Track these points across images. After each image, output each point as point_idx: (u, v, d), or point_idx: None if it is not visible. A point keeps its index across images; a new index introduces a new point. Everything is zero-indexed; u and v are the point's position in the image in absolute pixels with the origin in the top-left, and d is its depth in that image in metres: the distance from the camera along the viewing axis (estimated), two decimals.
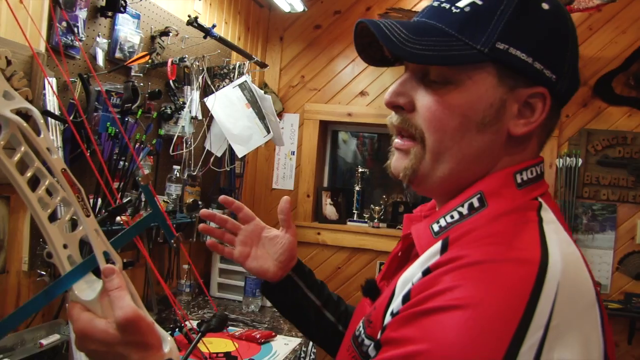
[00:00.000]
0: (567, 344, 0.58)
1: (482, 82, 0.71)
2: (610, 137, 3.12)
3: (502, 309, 0.58)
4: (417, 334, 0.60)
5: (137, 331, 0.72)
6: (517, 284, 0.59)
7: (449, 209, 0.74)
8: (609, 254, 3.13)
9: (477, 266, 0.61)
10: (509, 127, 0.73)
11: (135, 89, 2.02)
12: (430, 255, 0.70)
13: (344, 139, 3.84)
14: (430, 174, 0.75)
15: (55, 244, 0.73)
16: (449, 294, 0.60)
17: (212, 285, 2.93)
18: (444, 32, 0.71)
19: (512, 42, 0.70)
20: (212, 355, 2.02)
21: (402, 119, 0.76)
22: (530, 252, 0.62)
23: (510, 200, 0.71)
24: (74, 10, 1.83)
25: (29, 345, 1.73)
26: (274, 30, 3.57)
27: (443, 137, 0.72)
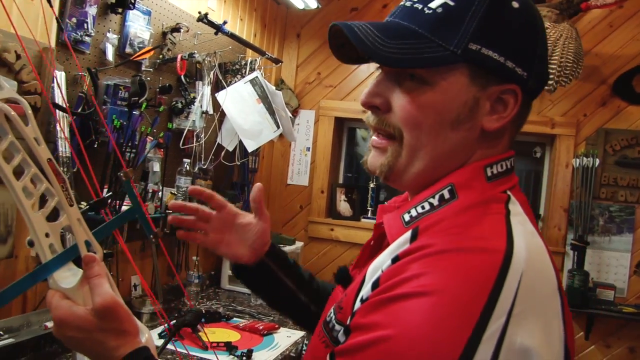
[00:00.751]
0: (529, 330, 0.60)
1: (455, 82, 0.72)
2: (630, 137, 3.06)
3: (466, 296, 0.60)
4: (384, 320, 0.62)
5: (114, 318, 0.74)
6: (482, 272, 0.61)
7: (420, 200, 0.75)
8: (626, 256, 3.07)
9: (443, 254, 0.64)
10: (482, 123, 0.74)
11: (142, 83, 2.08)
12: (400, 244, 0.71)
13: (364, 136, 3.85)
14: (405, 170, 0.77)
15: (37, 232, 0.74)
16: (415, 281, 0.62)
17: (223, 278, 2.99)
18: (416, 34, 0.72)
19: (484, 43, 0.71)
20: (212, 344, 2.07)
21: (379, 119, 0.77)
22: (495, 241, 0.65)
23: (479, 193, 0.73)
24: (84, 6, 1.89)
25: (35, 327, 1.80)
26: (291, 27, 3.60)
27: (419, 134, 0.74)
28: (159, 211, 2.27)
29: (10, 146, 0.72)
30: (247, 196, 3.08)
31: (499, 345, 0.58)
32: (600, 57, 3.09)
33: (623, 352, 3.03)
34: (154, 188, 2.24)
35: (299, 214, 3.56)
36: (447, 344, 0.58)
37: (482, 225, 0.68)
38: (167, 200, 2.33)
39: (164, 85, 2.29)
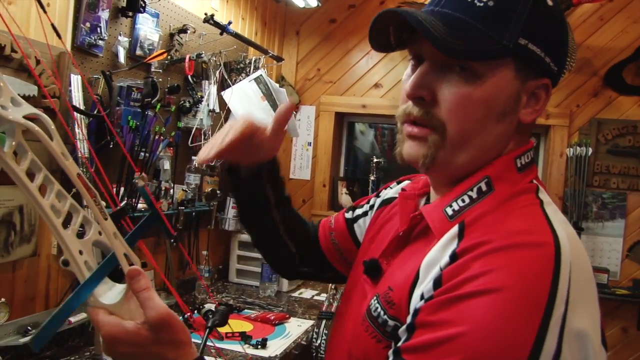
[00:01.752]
0: (581, 315, 0.65)
1: (503, 75, 0.74)
2: (621, 127, 3.16)
3: (530, 290, 0.63)
4: (454, 317, 0.65)
5: (170, 330, 0.73)
6: (540, 266, 0.65)
7: (459, 193, 0.78)
8: (619, 241, 3.18)
9: (501, 252, 0.67)
10: (520, 116, 0.78)
11: (154, 84, 2.15)
12: (449, 238, 0.74)
13: (362, 130, 3.93)
14: (450, 162, 0.78)
15: (72, 251, 0.71)
16: (481, 279, 0.65)
17: (231, 271, 3.07)
18: (471, 26, 0.73)
19: (531, 38, 0.74)
20: (227, 334, 2.15)
21: (424, 111, 0.77)
22: (543, 235, 0.69)
23: (512, 184, 0.77)
24: (96, 11, 1.96)
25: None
26: (291, 24, 3.67)
27: (466, 128, 0.75)
28: (172, 208, 2.35)
29: (31, 165, 0.68)
30: None
31: (561, 332, 0.63)
32: (591, 50, 3.19)
33: (617, 332, 3.16)
34: (166, 186, 2.31)
35: (301, 208, 3.64)
36: (519, 336, 0.62)
37: (525, 219, 0.72)
38: (179, 197, 2.41)
39: (173, 86, 2.36)
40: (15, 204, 1.72)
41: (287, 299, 2.83)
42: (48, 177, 0.70)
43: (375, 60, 3.53)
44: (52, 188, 0.71)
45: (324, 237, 1.17)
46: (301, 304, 2.76)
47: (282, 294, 2.91)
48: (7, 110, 0.65)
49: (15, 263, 1.77)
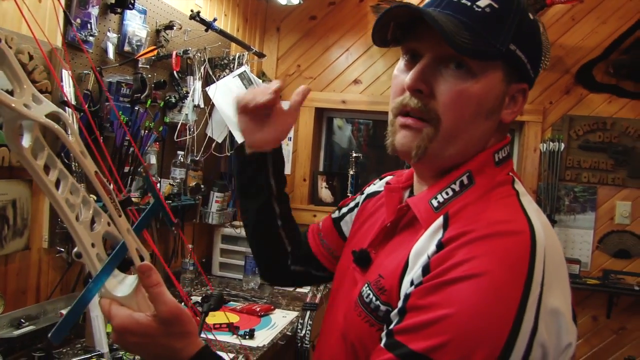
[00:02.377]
0: (554, 294, 0.73)
1: (493, 76, 0.82)
2: (591, 123, 3.29)
3: (510, 274, 0.71)
4: (442, 301, 0.71)
5: (180, 322, 0.76)
6: (518, 252, 0.72)
7: (443, 186, 0.85)
8: (590, 233, 3.31)
9: (483, 240, 0.74)
10: (502, 115, 0.86)
11: (143, 80, 2.18)
12: (435, 229, 0.81)
13: (339, 125, 3.99)
14: (439, 154, 0.84)
15: (85, 244, 0.73)
16: (465, 265, 0.72)
17: (214, 265, 3.11)
18: (470, 28, 0.79)
19: (518, 45, 0.82)
20: (215, 325, 2.19)
21: (421, 103, 0.82)
22: (519, 224, 0.76)
23: (491, 177, 0.85)
24: (87, 7, 1.97)
25: (51, 314, 1.90)
26: (271, 21, 3.71)
27: (459, 121, 0.82)
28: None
29: (48, 160, 0.70)
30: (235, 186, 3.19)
31: (538, 310, 0.70)
32: (563, 48, 3.30)
33: (587, 320, 3.29)
34: (153, 180, 2.34)
35: None
36: (501, 315, 0.69)
37: (503, 209, 0.80)
38: (166, 191, 2.44)
39: (159, 81, 2.39)
40: (9, 198, 1.74)
41: (271, 291, 2.88)
42: (63, 171, 0.72)
43: (354, 56, 3.59)
44: (66, 182, 0.72)
45: (313, 239, 1.22)
46: (284, 296, 2.82)
47: (265, 287, 2.96)
48: (30, 109, 0.67)
49: (8, 257, 1.79)
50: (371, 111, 3.60)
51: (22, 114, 0.65)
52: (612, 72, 3.23)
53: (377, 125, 3.91)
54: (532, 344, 0.69)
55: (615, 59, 3.23)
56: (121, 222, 0.77)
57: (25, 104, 0.67)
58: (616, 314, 3.26)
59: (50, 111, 0.70)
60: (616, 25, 3.25)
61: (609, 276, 3.20)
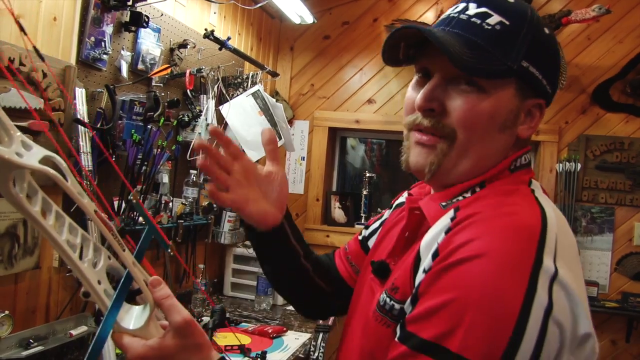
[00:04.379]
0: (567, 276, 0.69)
1: (506, 92, 0.82)
2: (608, 143, 3.24)
3: (519, 250, 0.69)
4: (448, 284, 0.70)
5: (194, 333, 0.76)
6: (528, 228, 0.71)
7: (455, 194, 0.85)
8: (607, 255, 3.24)
9: (490, 220, 0.73)
10: (519, 131, 0.86)
11: (157, 98, 2.17)
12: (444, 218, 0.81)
13: (353, 145, 3.97)
14: (453, 169, 0.85)
15: (92, 282, 0.73)
16: (470, 245, 0.70)
17: (226, 285, 3.07)
18: (480, 47, 0.80)
19: (532, 61, 0.82)
20: (227, 347, 2.15)
21: (435, 121, 0.84)
22: (530, 209, 0.76)
23: (504, 181, 0.85)
24: (101, 26, 1.98)
25: (60, 335, 1.87)
26: (285, 40, 3.72)
27: (473, 134, 0.82)
28: (171, 221, 2.36)
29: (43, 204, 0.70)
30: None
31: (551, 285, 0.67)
32: (579, 68, 3.27)
33: (606, 345, 3.21)
34: (165, 199, 2.33)
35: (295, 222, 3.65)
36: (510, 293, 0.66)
37: (515, 197, 0.80)
38: (178, 211, 2.42)
39: (172, 100, 2.38)
40: (19, 217, 1.72)
41: (283, 312, 2.84)
42: (59, 212, 0.71)
43: (368, 76, 3.58)
44: (63, 222, 0.71)
45: (342, 264, 1.18)
46: (297, 318, 2.77)
47: (277, 307, 2.92)
48: (22, 157, 0.65)
49: (18, 275, 1.77)
50: (385, 131, 3.59)
51: (16, 164, 0.64)
52: (629, 92, 3.19)
53: (390, 145, 3.89)
54: (547, 322, 0.66)
55: (632, 79, 3.19)
56: (126, 257, 0.76)
57: (16, 152, 0.66)
58: (636, 338, 3.17)
59: (43, 156, 0.68)
60: (633, 44, 3.22)
61: (628, 299, 3.13)
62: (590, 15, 2.92)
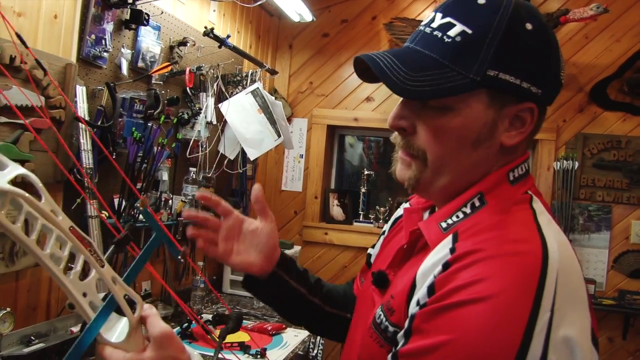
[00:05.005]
0: (569, 322, 0.67)
1: (475, 106, 0.78)
2: (606, 141, 3.26)
3: (515, 298, 0.67)
4: (445, 325, 0.69)
5: (172, 345, 0.77)
6: (526, 275, 0.68)
7: (454, 210, 0.82)
8: (604, 252, 3.26)
9: (490, 261, 0.70)
10: (502, 140, 0.80)
11: (157, 96, 2.18)
12: (442, 247, 0.77)
13: (351, 142, 3.98)
14: (431, 184, 0.83)
15: (75, 295, 0.73)
16: (469, 288, 0.68)
17: (225, 282, 3.08)
18: (438, 64, 0.76)
19: (501, 68, 0.76)
20: (226, 344, 2.16)
21: (405, 141, 0.83)
22: (531, 244, 0.71)
23: (505, 197, 0.80)
24: (101, 24, 1.98)
25: (61, 332, 1.87)
26: (284, 38, 3.72)
27: (442, 155, 0.80)
28: (171, 218, 2.37)
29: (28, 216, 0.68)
30: (246, 203, 3.18)
31: (547, 338, 0.65)
32: (577, 67, 3.29)
33: (603, 342, 3.23)
34: (165, 197, 2.33)
35: (293, 219, 3.67)
36: (505, 343, 0.65)
37: (516, 228, 0.75)
38: (178, 208, 2.43)
39: (172, 97, 2.39)
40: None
41: None
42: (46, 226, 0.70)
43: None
44: (50, 235, 0.70)
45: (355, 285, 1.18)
46: None
47: None
48: None
49: (19, 273, 1.77)
50: (383, 129, 3.59)
51: None
52: (626, 90, 3.21)
53: (387, 143, 3.90)
54: None
55: (629, 77, 3.20)
56: (104, 273, 0.76)
57: None
58: (632, 336, 3.19)
59: (15, 175, 0.67)
60: (630, 43, 3.23)
61: (625, 297, 3.14)
62: (588, 14, 2.93)
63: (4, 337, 1.64)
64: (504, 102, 0.79)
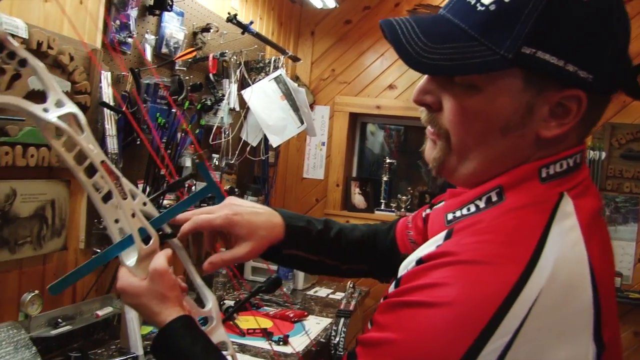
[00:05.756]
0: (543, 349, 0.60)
1: (506, 88, 0.67)
2: (634, 131, 3.19)
3: (471, 312, 0.60)
4: (393, 323, 0.65)
5: (160, 282, 0.84)
6: (493, 288, 0.60)
7: (466, 201, 0.73)
8: (632, 245, 3.21)
9: (462, 266, 0.63)
10: (538, 130, 0.69)
11: (181, 82, 2.17)
12: (433, 242, 0.72)
13: (372, 130, 3.96)
14: (456, 169, 0.75)
15: (108, 220, 0.86)
16: (430, 290, 0.63)
17: (246, 269, 3.09)
18: (465, 35, 0.67)
19: (540, 46, 0.64)
20: (249, 330, 2.17)
21: (430, 117, 0.75)
22: (516, 254, 0.62)
23: (528, 195, 0.69)
24: (126, 9, 1.98)
25: (87, 315, 1.90)
26: (306, 25, 3.70)
27: (465, 139, 0.71)
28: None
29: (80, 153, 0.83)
30: (268, 190, 3.18)
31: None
32: None
33: (629, 336, 3.18)
34: (188, 183, 2.34)
35: (315, 207, 3.66)
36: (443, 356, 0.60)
37: (512, 234, 0.65)
38: None
39: (195, 84, 2.38)
40: (48, 198, 1.74)
41: (303, 297, 2.85)
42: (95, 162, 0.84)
43: (389, 61, 3.55)
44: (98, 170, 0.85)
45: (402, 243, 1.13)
46: (317, 302, 2.78)
47: (298, 292, 2.93)
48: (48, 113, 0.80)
49: (46, 256, 1.79)
50: (406, 117, 3.56)
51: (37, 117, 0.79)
52: None
53: (408, 131, 3.87)
54: None
55: None
56: (125, 205, 0.87)
57: (44, 108, 0.80)
58: None
59: (66, 112, 0.81)
60: None
61: None
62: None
63: (33, 319, 1.67)
64: (542, 87, 0.67)
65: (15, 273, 1.69)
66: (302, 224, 1.04)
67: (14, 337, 1.55)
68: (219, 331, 0.94)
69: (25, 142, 1.63)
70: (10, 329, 1.55)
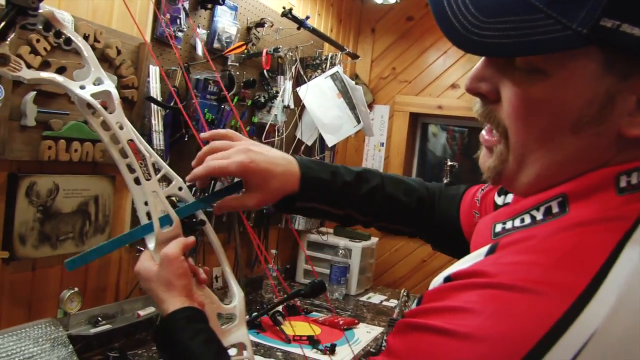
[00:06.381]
0: None
1: (579, 71, 0.53)
2: None
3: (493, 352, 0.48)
4: (402, 349, 0.54)
5: (168, 268, 0.83)
6: (528, 324, 0.48)
7: (521, 210, 0.60)
8: None
9: (495, 291, 0.51)
10: (621, 127, 0.54)
11: (231, 77, 2.11)
12: (471, 257, 0.59)
13: (434, 132, 3.80)
14: (515, 178, 0.61)
15: (136, 201, 0.87)
16: (452, 315, 0.51)
17: (298, 272, 3.01)
18: (529, 7, 0.52)
19: (625, 17, 0.49)
20: (295, 337, 2.08)
21: (485, 110, 0.62)
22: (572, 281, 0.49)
23: (600, 208, 0.54)
24: (177, 2, 1.93)
25: (128, 314, 1.86)
26: (366, 22, 3.59)
27: (527, 138, 0.58)
28: None
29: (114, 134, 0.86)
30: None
31: None
32: None
33: None
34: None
35: None
36: None
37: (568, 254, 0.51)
38: None
39: (248, 80, 2.32)
40: (92, 194, 1.71)
41: (355, 303, 2.75)
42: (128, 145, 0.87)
43: (452, 60, 3.39)
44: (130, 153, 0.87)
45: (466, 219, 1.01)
46: (369, 309, 2.67)
47: (350, 298, 2.83)
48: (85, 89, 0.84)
49: None
50: (469, 117, 3.38)
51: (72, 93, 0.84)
52: None
53: (472, 133, 3.68)
54: None
55: None
56: (147, 185, 0.87)
57: (81, 85, 0.84)
58: None
59: (102, 90, 0.85)
60: None
61: None
62: None
63: (72, 317, 1.64)
64: (628, 70, 0.52)
65: (57, 269, 1.67)
66: (323, 176, 0.95)
67: (52, 334, 1.52)
68: (239, 331, 0.90)
69: (69, 137, 1.60)
70: (48, 326, 1.52)
